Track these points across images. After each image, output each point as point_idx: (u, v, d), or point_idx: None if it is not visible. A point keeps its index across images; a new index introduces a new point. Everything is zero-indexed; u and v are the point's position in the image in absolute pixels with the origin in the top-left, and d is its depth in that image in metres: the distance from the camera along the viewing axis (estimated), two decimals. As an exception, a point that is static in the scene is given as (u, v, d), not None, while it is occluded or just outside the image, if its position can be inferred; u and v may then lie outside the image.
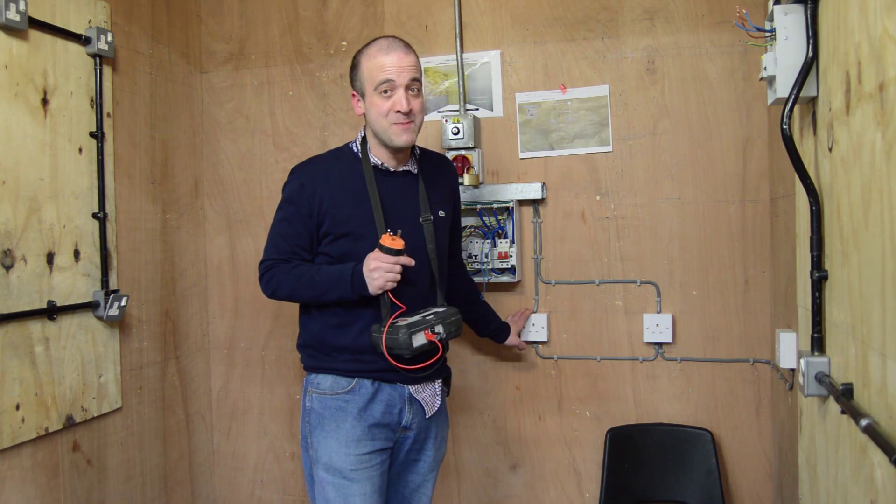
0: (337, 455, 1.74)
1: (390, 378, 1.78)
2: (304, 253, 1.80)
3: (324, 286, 1.74)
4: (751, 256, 2.25)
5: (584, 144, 2.37)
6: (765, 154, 2.23)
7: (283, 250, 1.80)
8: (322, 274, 1.75)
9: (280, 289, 1.80)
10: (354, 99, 1.81)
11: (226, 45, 2.73)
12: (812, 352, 1.34)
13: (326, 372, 1.80)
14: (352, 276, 1.71)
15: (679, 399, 2.32)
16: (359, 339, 1.77)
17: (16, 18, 1.86)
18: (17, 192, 1.91)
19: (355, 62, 1.79)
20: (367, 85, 1.75)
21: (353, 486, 1.73)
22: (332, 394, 1.77)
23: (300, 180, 1.80)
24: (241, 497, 2.76)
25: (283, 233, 1.80)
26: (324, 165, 1.83)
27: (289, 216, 1.80)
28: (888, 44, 0.93)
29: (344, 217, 1.76)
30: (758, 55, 2.05)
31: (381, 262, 1.68)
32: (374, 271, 1.68)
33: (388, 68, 1.71)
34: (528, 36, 2.42)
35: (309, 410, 1.81)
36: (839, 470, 1.23)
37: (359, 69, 1.77)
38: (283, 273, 1.78)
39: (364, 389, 1.76)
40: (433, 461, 1.91)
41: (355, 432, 1.75)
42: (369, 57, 1.75)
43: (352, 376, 1.77)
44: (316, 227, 1.78)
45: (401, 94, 1.72)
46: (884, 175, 0.96)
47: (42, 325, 1.98)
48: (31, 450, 1.95)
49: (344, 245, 1.77)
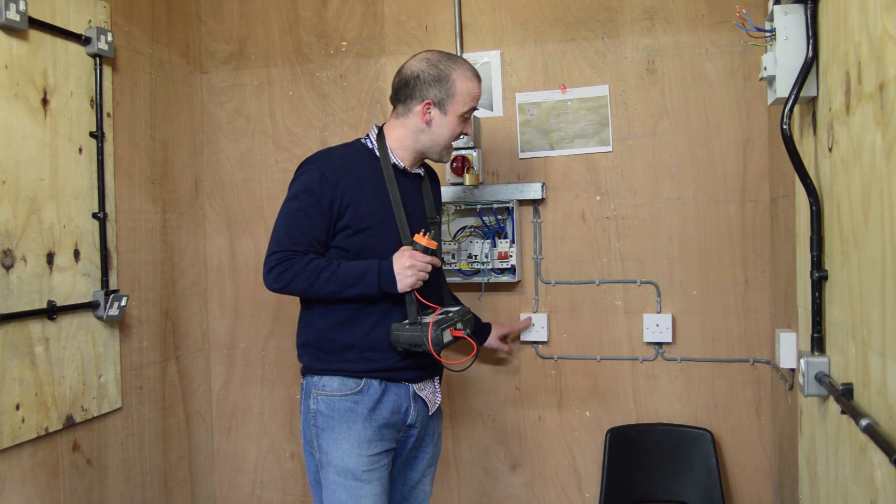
0: (349, 457, 1.73)
1: (396, 377, 1.78)
2: (319, 247, 1.75)
3: (346, 281, 1.70)
4: (751, 256, 2.25)
5: (584, 144, 2.37)
6: (765, 154, 2.23)
7: (299, 241, 1.72)
8: (344, 269, 1.71)
9: (296, 282, 1.70)
10: (426, 105, 1.79)
11: (226, 45, 2.73)
12: (812, 352, 1.34)
13: (332, 374, 1.78)
14: (378, 272, 1.70)
15: (679, 399, 2.32)
16: (368, 337, 1.76)
17: (16, 18, 1.86)
18: (17, 192, 1.91)
19: (444, 75, 1.78)
20: (457, 104, 1.79)
21: (364, 487, 1.73)
22: (341, 395, 1.76)
23: (321, 171, 1.75)
24: (241, 497, 2.76)
25: (300, 224, 1.73)
26: (343, 158, 1.81)
27: (307, 207, 1.73)
28: (888, 44, 0.93)
29: (365, 212, 1.76)
30: (758, 55, 2.05)
31: (416, 261, 1.69)
32: (408, 269, 1.68)
33: (477, 97, 1.83)
34: (528, 36, 2.42)
35: (315, 413, 1.78)
36: (839, 470, 1.23)
37: (449, 84, 1.78)
38: (301, 265, 1.70)
39: (372, 390, 1.76)
40: (431, 457, 1.92)
41: (367, 433, 1.74)
42: (465, 79, 1.80)
43: (359, 377, 1.76)
44: (335, 219, 1.74)
45: (470, 121, 1.85)
46: (884, 175, 0.96)
47: (42, 325, 1.98)
48: (31, 450, 1.95)
49: (362, 240, 1.76)
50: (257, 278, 2.70)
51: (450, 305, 1.89)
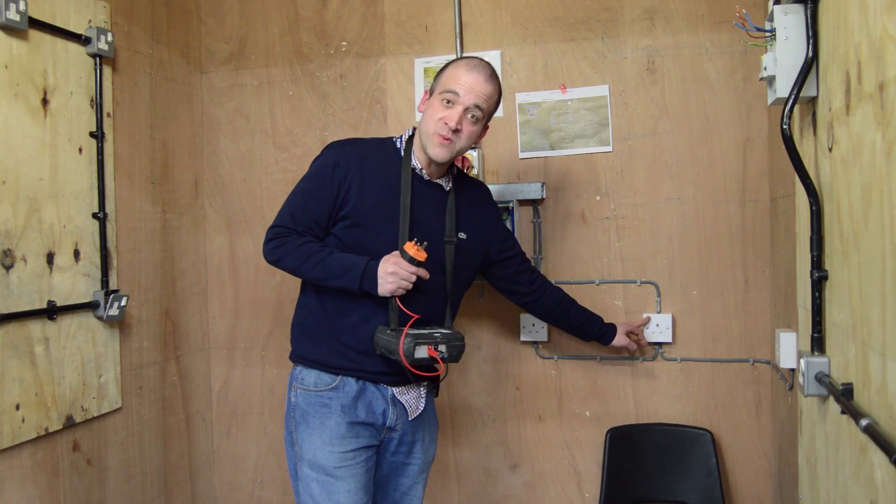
0: (321, 452, 1.74)
1: (374, 378, 1.78)
2: (319, 231, 1.76)
3: (332, 271, 1.71)
4: (751, 256, 2.25)
5: (584, 144, 2.37)
6: (765, 154, 2.23)
7: (300, 222, 1.75)
8: (333, 259, 1.72)
9: (286, 259, 1.74)
10: (425, 95, 1.83)
11: (226, 45, 2.73)
12: (812, 352, 1.34)
13: (310, 366, 1.79)
14: (363, 271, 1.69)
15: (679, 399, 2.32)
16: (351, 333, 1.76)
17: (16, 18, 1.86)
18: (17, 192, 1.91)
19: (444, 66, 1.82)
20: (438, 87, 1.78)
21: (337, 483, 1.73)
22: (316, 390, 1.77)
23: (336, 157, 1.77)
24: (241, 497, 2.76)
25: (304, 206, 1.76)
26: (364, 150, 1.81)
27: (315, 189, 1.76)
28: (888, 44, 0.93)
29: (367, 207, 1.75)
30: (758, 55, 2.05)
31: (399, 269, 1.67)
32: (390, 275, 1.67)
33: (461, 83, 1.74)
34: (528, 36, 2.42)
35: (294, 406, 1.81)
36: (839, 470, 1.23)
37: (442, 72, 1.80)
38: (294, 245, 1.73)
39: (349, 387, 1.76)
40: (423, 463, 1.91)
41: (339, 430, 1.75)
42: (455, 66, 1.79)
43: (335, 373, 1.77)
44: (337, 207, 1.76)
45: (458, 111, 1.73)
46: (884, 175, 0.96)
47: (42, 325, 1.98)
48: (31, 450, 1.95)
49: (359, 235, 1.75)
50: (257, 278, 2.70)
51: (447, 328, 1.82)
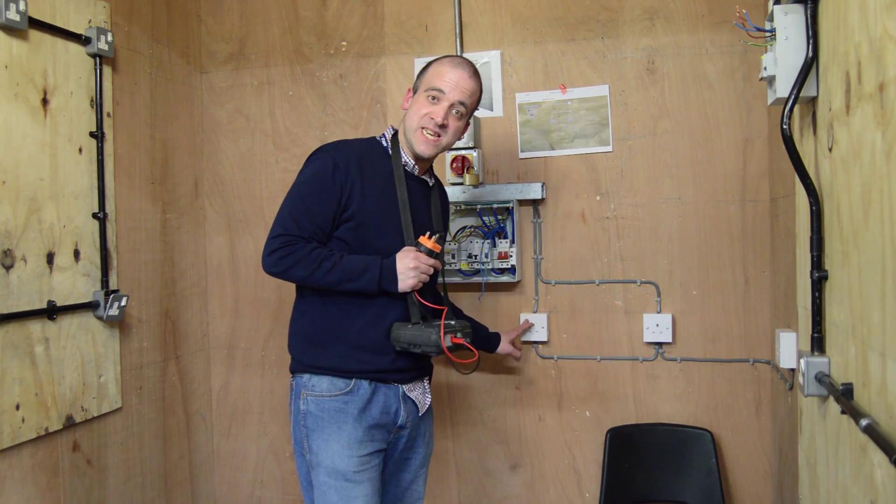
0: (339, 458, 1.72)
1: (386, 378, 1.78)
2: (323, 236, 1.74)
3: (347, 274, 1.69)
4: (751, 256, 2.25)
5: (584, 144, 2.37)
6: (765, 154, 2.23)
7: (305, 228, 1.70)
8: (346, 262, 1.70)
9: (296, 268, 1.68)
10: (408, 93, 1.86)
11: (226, 45, 2.73)
12: (812, 352, 1.34)
13: (321, 373, 1.76)
14: (380, 269, 1.70)
15: (679, 399, 2.32)
16: (361, 336, 1.75)
17: (16, 18, 1.86)
18: (17, 192, 1.91)
19: (427, 65, 1.84)
20: (422, 85, 1.80)
21: (355, 488, 1.72)
22: (330, 395, 1.75)
23: (334, 159, 1.75)
24: (241, 497, 2.76)
25: (309, 210, 1.71)
26: (358, 150, 1.81)
27: (317, 193, 1.72)
28: (888, 44, 0.93)
29: (370, 206, 1.75)
30: (758, 55, 2.05)
31: (420, 262, 1.70)
32: (412, 269, 1.69)
33: (446, 79, 1.77)
34: (528, 36, 2.42)
35: (305, 414, 1.77)
36: (839, 470, 1.23)
37: (426, 70, 1.83)
38: (304, 253, 1.67)
39: (362, 390, 1.75)
40: (423, 457, 1.92)
41: (357, 434, 1.74)
42: (439, 64, 1.81)
43: (349, 377, 1.75)
44: (341, 210, 1.74)
45: (443, 107, 1.76)
46: (884, 175, 0.96)
47: (42, 325, 1.98)
48: (31, 450, 1.95)
49: (364, 235, 1.75)
50: (257, 278, 2.70)
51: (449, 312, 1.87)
